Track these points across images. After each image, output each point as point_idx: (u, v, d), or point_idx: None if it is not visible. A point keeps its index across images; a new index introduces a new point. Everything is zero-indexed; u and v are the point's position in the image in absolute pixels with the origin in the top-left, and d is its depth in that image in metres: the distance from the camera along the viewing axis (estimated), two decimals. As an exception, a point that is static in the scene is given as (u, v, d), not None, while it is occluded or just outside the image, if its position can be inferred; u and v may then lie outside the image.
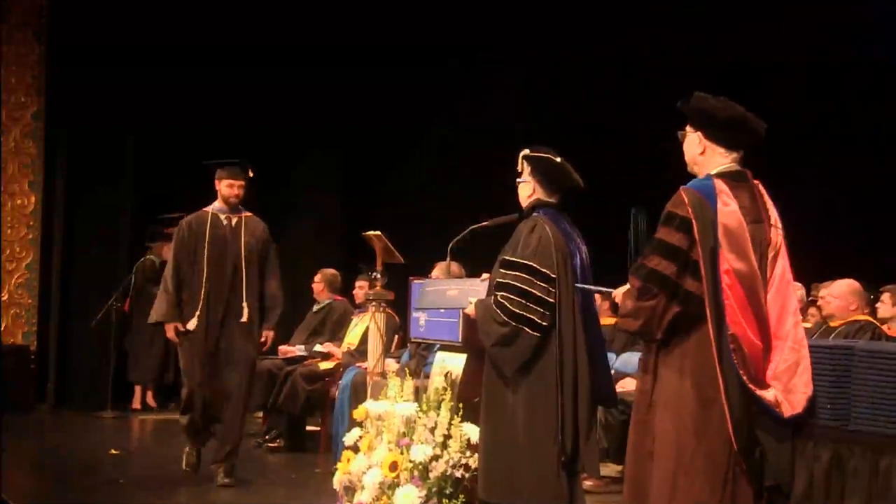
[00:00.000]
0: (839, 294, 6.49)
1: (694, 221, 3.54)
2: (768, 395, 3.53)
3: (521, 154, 4.59)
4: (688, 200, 3.57)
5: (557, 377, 4.31)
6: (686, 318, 3.58)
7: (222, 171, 6.63)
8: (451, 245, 5.19)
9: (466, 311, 4.54)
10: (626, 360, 7.12)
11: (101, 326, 9.60)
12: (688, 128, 3.78)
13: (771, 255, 3.64)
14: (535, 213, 4.54)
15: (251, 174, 6.64)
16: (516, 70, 9.95)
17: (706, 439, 3.53)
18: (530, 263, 4.36)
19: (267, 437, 8.08)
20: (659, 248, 3.62)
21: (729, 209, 3.55)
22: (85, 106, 9.79)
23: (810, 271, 7.68)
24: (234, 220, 6.64)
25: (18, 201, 9.86)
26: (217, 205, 6.68)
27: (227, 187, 6.62)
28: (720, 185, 3.60)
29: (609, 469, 6.53)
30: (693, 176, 3.77)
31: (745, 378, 3.48)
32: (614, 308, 7.69)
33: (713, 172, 3.68)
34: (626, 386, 6.75)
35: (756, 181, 3.75)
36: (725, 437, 3.51)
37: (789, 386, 3.56)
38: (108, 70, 9.67)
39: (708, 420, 3.53)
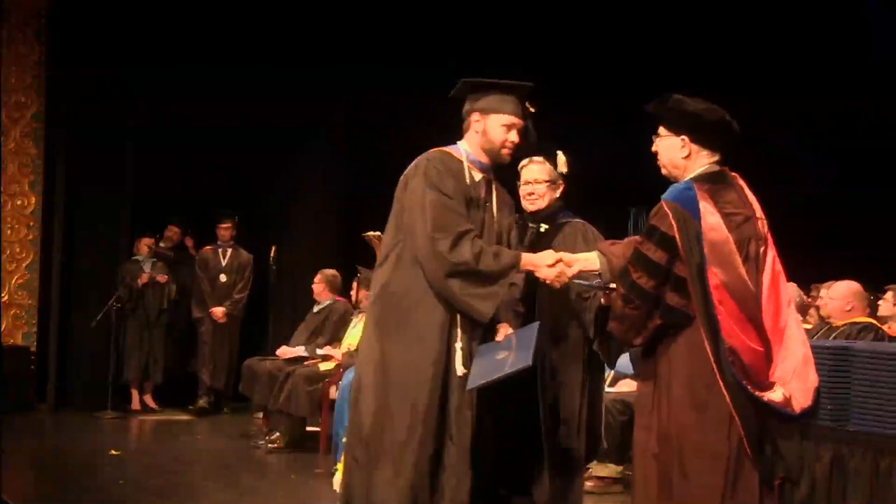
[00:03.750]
0: (837, 295, 6.50)
1: (678, 239, 3.53)
2: (776, 396, 3.53)
3: (565, 159, 4.56)
4: (671, 215, 3.56)
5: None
6: (673, 327, 3.60)
7: (501, 99, 4.18)
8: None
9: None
10: (625, 361, 7.12)
11: (101, 327, 9.60)
12: (662, 130, 3.75)
13: (762, 248, 3.64)
14: (570, 217, 4.58)
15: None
16: (517, 70, 9.93)
17: (704, 442, 3.54)
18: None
19: (267, 437, 8.08)
20: (640, 261, 3.64)
21: (712, 221, 3.54)
22: (85, 106, 9.78)
23: (810, 272, 7.68)
24: (488, 184, 4.22)
25: (18, 201, 9.85)
26: (470, 152, 4.17)
27: (502, 129, 4.14)
28: (701, 193, 3.58)
29: (609, 469, 6.53)
30: (670, 180, 3.75)
31: (749, 387, 3.48)
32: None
33: (693, 176, 3.67)
34: (626, 386, 6.76)
35: (734, 174, 3.74)
36: (723, 440, 3.51)
37: (798, 379, 3.55)
38: (107, 70, 9.67)
39: (704, 423, 3.54)
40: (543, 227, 4.54)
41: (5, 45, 9.76)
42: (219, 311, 9.95)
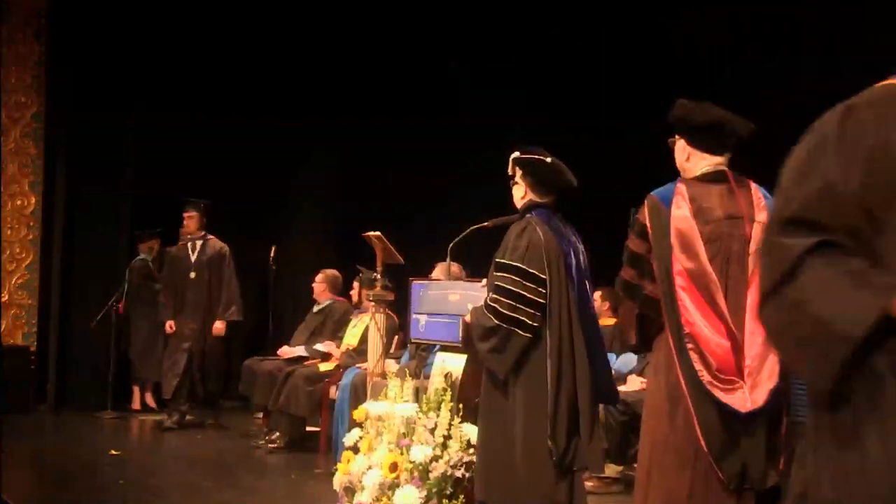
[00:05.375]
0: None
1: (649, 226, 3.70)
2: (725, 395, 3.55)
3: (511, 157, 4.59)
4: (647, 206, 3.73)
5: (550, 376, 4.31)
6: (651, 316, 3.73)
7: None
8: (451, 245, 5.19)
9: (465, 318, 4.58)
10: (625, 361, 7.13)
11: (101, 327, 9.59)
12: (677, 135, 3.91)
13: (753, 248, 3.67)
14: (527, 215, 4.54)
15: None
16: (516, 69, 9.94)
17: (674, 434, 3.61)
18: (520, 265, 4.37)
19: (267, 437, 8.08)
20: (625, 254, 3.83)
21: (680, 212, 3.67)
22: (85, 106, 9.79)
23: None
24: None
25: (18, 201, 9.86)
26: None
27: None
28: (681, 188, 3.73)
29: (609, 469, 6.52)
30: None
31: (701, 376, 3.53)
32: (615, 309, 7.72)
33: (691, 176, 3.81)
34: (626, 386, 6.76)
35: (743, 178, 3.81)
36: (691, 433, 3.56)
37: (756, 380, 3.60)
38: (107, 70, 9.67)
39: (675, 416, 3.61)
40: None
41: (5, 45, 9.77)
42: (220, 326, 8.97)
